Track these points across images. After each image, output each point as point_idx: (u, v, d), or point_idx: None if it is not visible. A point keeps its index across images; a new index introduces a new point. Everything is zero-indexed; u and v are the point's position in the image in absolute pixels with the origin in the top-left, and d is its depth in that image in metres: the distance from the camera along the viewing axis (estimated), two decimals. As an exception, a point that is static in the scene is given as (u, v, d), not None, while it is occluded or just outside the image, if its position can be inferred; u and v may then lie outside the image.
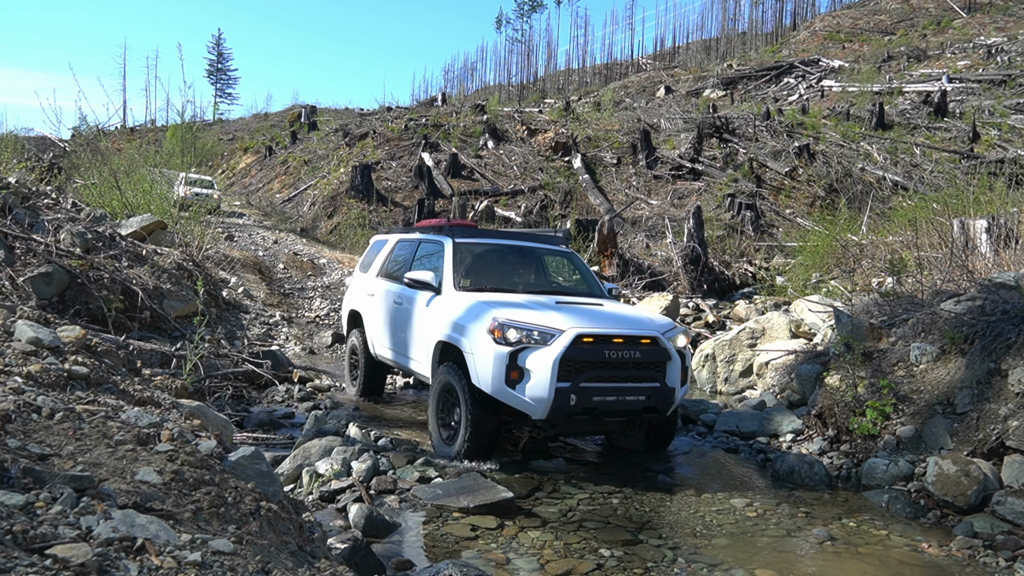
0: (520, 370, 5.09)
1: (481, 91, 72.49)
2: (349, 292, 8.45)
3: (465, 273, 6.28)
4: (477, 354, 5.23)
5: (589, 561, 3.84)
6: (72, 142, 19.67)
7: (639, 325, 5.57)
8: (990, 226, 8.85)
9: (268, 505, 2.57)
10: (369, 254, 8.29)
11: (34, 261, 6.82)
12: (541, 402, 5.03)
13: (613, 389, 5.24)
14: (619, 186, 23.78)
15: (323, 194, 25.25)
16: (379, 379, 7.83)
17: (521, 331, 5.14)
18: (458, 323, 5.55)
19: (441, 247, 6.56)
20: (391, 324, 6.93)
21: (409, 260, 7.07)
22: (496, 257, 6.87)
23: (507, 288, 6.33)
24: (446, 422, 5.66)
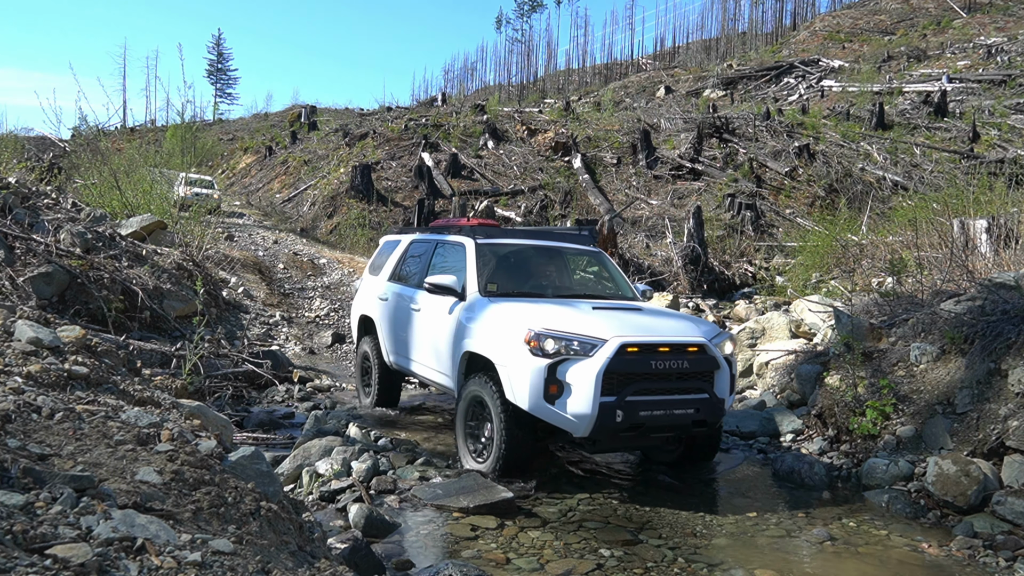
0: (560, 384, 4.66)
1: (481, 91, 72.51)
2: (359, 296, 7.94)
3: (490, 276, 5.83)
4: (511, 367, 4.82)
5: (589, 561, 3.84)
6: (72, 142, 19.68)
7: (685, 331, 5.17)
8: (990, 226, 8.85)
9: (268, 505, 2.57)
10: (380, 256, 7.85)
11: (34, 261, 6.83)
12: (584, 419, 4.62)
13: (660, 403, 4.83)
14: (619, 186, 23.78)
15: (323, 194, 25.26)
16: (394, 388, 7.37)
17: (560, 341, 4.71)
18: (487, 332, 5.17)
19: (462, 249, 6.10)
20: (408, 332, 6.49)
21: (426, 263, 6.64)
22: (522, 259, 6.43)
23: (536, 293, 5.92)
24: (475, 437, 5.30)
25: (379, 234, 21.66)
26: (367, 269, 8.10)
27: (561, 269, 6.63)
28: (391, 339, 6.90)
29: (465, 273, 5.80)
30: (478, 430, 5.28)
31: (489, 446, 5.11)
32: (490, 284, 5.75)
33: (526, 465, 5.11)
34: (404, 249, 7.27)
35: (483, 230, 6.37)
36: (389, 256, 7.51)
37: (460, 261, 6.04)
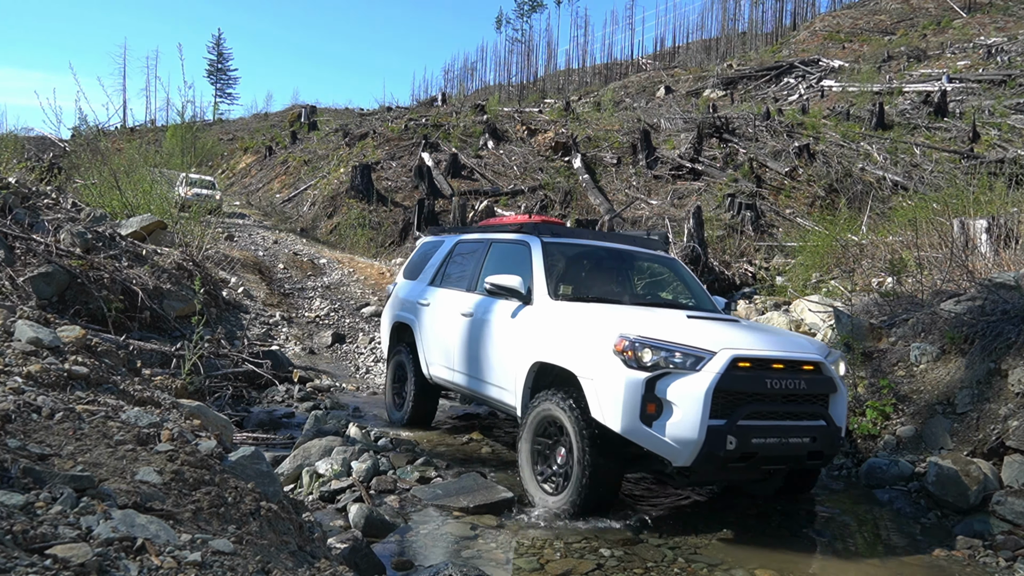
0: (659, 403, 4.02)
1: (481, 91, 72.51)
2: (392, 302, 7.29)
3: (559, 279, 5.26)
4: (600, 380, 4.15)
5: (589, 561, 3.84)
6: (72, 142, 19.68)
7: (797, 347, 4.52)
8: (990, 226, 8.85)
9: (268, 505, 2.57)
10: (417, 258, 7.27)
11: (34, 261, 6.83)
12: (688, 445, 3.96)
13: (774, 429, 4.16)
14: (619, 186, 23.78)
15: (323, 194, 25.27)
16: (431, 404, 6.71)
17: (659, 352, 4.07)
18: (566, 340, 4.53)
19: (526, 249, 5.49)
20: (455, 340, 5.84)
21: (477, 264, 6.01)
22: (593, 261, 5.84)
23: (611, 299, 5.29)
24: (546, 465, 4.61)
25: (379, 234, 21.69)
26: (400, 273, 7.50)
27: (634, 275, 6.07)
28: (433, 349, 6.23)
29: (531, 274, 5.17)
30: (550, 456, 4.57)
31: (565, 476, 4.39)
32: (563, 287, 5.16)
33: (613, 498, 4.44)
34: (449, 250, 6.67)
35: (547, 227, 5.73)
36: (430, 258, 6.91)
37: (523, 262, 5.41)
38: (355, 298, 14.34)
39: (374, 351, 11.00)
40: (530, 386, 4.82)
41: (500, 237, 6.00)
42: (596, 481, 4.20)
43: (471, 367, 5.60)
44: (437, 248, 6.91)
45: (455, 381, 5.94)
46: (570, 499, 4.28)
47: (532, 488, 4.60)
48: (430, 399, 6.65)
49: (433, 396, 6.67)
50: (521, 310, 5.05)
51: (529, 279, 5.14)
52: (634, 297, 5.62)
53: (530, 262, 5.30)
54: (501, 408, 5.39)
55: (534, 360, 4.75)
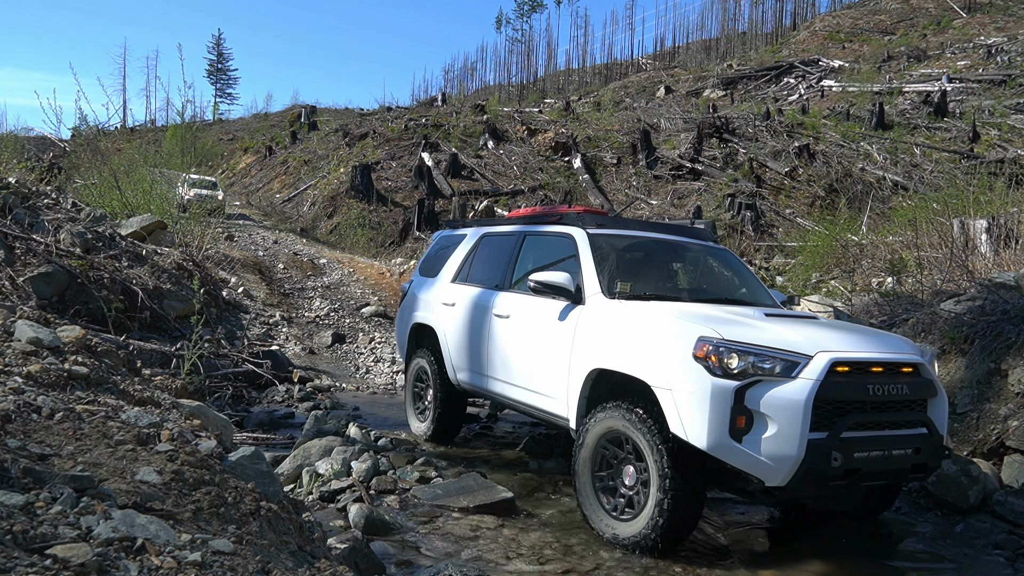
0: (749, 415, 3.56)
1: (481, 91, 72.52)
2: (409, 302, 6.73)
3: (612, 275, 4.69)
4: (680, 390, 3.67)
5: (589, 561, 3.84)
6: (72, 142, 19.69)
7: (894, 346, 4.09)
8: (990, 226, 8.85)
9: (268, 505, 2.57)
10: (435, 253, 6.77)
11: (34, 261, 6.82)
12: (785, 462, 3.50)
13: (877, 440, 3.72)
14: (619, 186, 23.79)
15: (323, 194, 25.27)
16: (458, 413, 6.21)
17: (747, 356, 3.61)
18: (633, 344, 4.03)
19: (569, 242, 4.96)
20: (488, 344, 5.34)
21: (510, 260, 5.50)
22: (644, 254, 5.31)
23: (670, 296, 4.82)
24: (610, 487, 4.09)
25: (379, 234, 21.70)
26: (416, 270, 6.98)
27: (688, 268, 5.61)
28: (461, 353, 5.73)
29: (580, 270, 4.66)
30: (615, 476, 4.09)
31: (636, 501, 3.92)
32: (621, 283, 4.60)
33: (695, 525, 3.97)
34: (473, 245, 6.14)
35: (592, 218, 5.18)
36: (450, 253, 6.40)
37: (565, 257, 4.93)
38: (355, 298, 14.34)
39: (374, 351, 11.00)
40: (586, 395, 4.30)
41: (535, 230, 5.46)
42: (678, 506, 3.69)
43: (509, 373, 5.10)
44: (458, 242, 6.40)
45: (489, 388, 5.40)
46: (647, 527, 3.75)
47: (594, 514, 4.07)
48: (457, 407, 6.12)
49: (461, 405, 6.17)
50: (571, 311, 4.52)
51: (578, 276, 4.61)
52: (693, 293, 5.11)
53: (576, 257, 4.77)
54: (546, 419, 4.82)
55: (592, 367, 4.22)
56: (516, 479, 5.20)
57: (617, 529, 3.94)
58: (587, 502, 4.13)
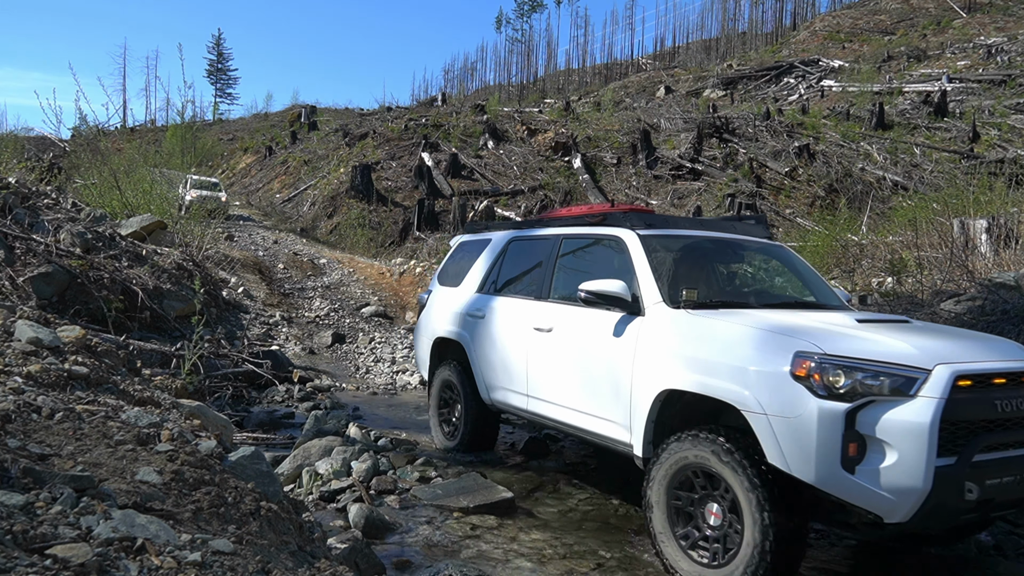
0: (862, 441, 3.07)
1: (481, 91, 72.57)
2: (430, 313, 6.28)
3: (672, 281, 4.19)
4: (778, 415, 3.18)
5: (589, 561, 3.84)
6: (72, 142, 19.70)
7: (1009, 353, 3.56)
8: (990, 226, 8.86)
9: (268, 505, 2.57)
10: (456, 261, 6.31)
11: (34, 261, 6.83)
12: (909, 496, 3.00)
13: (1009, 463, 3.20)
14: (619, 186, 23.79)
15: (323, 194, 25.28)
16: (490, 431, 5.80)
17: (855, 372, 3.11)
18: (712, 361, 3.51)
19: (617, 245, 4.49)
20: (528, 361, 4.88)
21: (547, 267, 5.01)
22: (702, 256, 4.83)
23: (739, 302, 4.35)
24: (690, 525, 3.57)
25: (379, 234, 21.70)
26: (435, 279, 6.54)
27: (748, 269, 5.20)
28: (494, 370, 5.28)
29: (635, 278, 4.18)
30: (697, 516, 3.55)
31: (724, 541, 3.40)
32: (687, 290, 4.05)
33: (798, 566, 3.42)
34: (500, 251, 5.69)
35: (639, 217, 4.64)
36: (474, 260, 5.95)
37: (616, 261, 4.47)
38: (355, 298, 14.35)
39: (374, 351, 11.00)
40: (653, 419, 3.82)
41: (574, 232, 4.96)
42: (781, 548, 3.19)
43: (554, 394, 4.64)
44: (481, 249, 5.93)
45: (529, 409, 4.92)
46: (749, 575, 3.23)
47: (676, 558, 3.55)
48: (489, 426, 5.74)
49: (492, 423, 5.77)
50: (629, 323, 4.06)
51: (633, 284, 4.14)
52: (761, 298, 4.63)
53: (628, 262, 4.30)
54: (602, 444, 4.30)
55: (661, 387, 3.73)
56: (516, 479, 5.20)
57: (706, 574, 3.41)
58: (666, 548, 3.60)
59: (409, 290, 15.14)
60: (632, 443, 3.97)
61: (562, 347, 4.57)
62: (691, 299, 4.02)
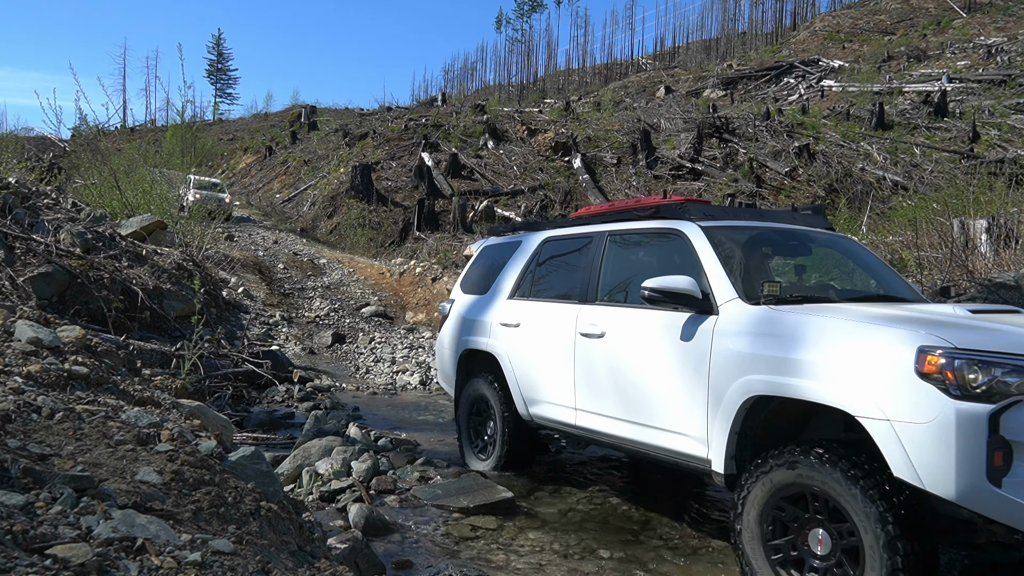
0: (1008, 448, 2.68)
1: (481, 91, 72.58)
2: (455, 324, 5.82)
3: (745, 275, 3.84)
4: (904, 420, 2.77)
5: (589, 561, 3.84)
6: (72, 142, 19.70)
7: None
8: (990, 226, 8.86)
9: (268, 505, 2.57)
10: (482, 267, 5.90)
11: (34, 261, 6.82)
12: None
13: None
14: (619, 186, 23.79)
15: (323, 194, 25.28)
16: (528, 449, 5.36)
17: (993, 368, 2.72)
18: (812, 361, 3.05)
19: (676, 239, 4.11)
20: (576, 369, 4.45)
21: (591, 268, 4.61)
22: (771, 248, 4.54)
23: (820, 296, 3.89)
24: (791, 552, 3.13)
25: (379, 234, 21.71)
26: (457, 287, 6.16)
27: (817, 262, 4.81)
28: (534, 383, 4.86)
29: (703, 273, 3.79)
30: (799, 544, 3.11)
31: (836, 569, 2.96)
32: (768, 284, 3.71)
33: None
34: (533, 253, 5.27)
35: (697, 208, 4.27)
36: (503, 265, 5.55)
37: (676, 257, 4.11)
38: (355, 298, 14.35)
39: (374, 351, 11.00)
40: (737, 430, 3.38)
41: (621, 228, 4.56)
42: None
43: (608, 406, 4.20)
44: (510, 252, 5.54)
45: (579, 424, 4.48)
46: None
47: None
48: (527, 443, 5.29)
49: (530, 440, 5.32)
50: (700, 323, 3.64)
51: (702, 280, 3.75)
52: (842, 292, 4.23)
53: (693, 257, 3.92)
54: (672, 461, 3.85)
55: (748, 394, 3.29)
56: (516, 479, 5.20)
57: None
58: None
59: (409, 290, 15.14)
60: (710, 458, 3.51)
61: (617, 353, 4.13)
62: (773, 294, 3.63)
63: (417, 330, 12.87)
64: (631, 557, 3.93)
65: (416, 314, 13.96)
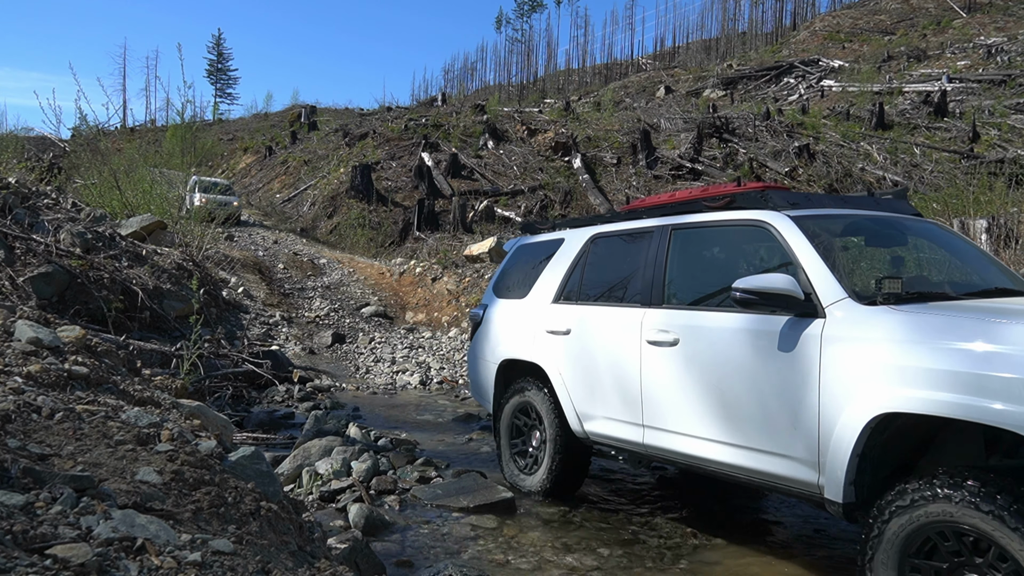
0: None
1: (481, 91, 72.57)
2: (490, 331, 5.36)
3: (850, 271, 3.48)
4: None
5: (589, 561, 3.84)
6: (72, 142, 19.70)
7: None
8: (990, 226, 8.86)
9: (268, 505, 2.57)
10: (518, 268, 5.43)
11: (34, 261, 6.82)
12: None
13: None
14: (619, 186, 23.78)
15: (323, 194, 25.29)
16: (582, 465, 4.81)
17: None
18: (968, 372, 2.56)
19: (759, 231, 3.65)
20: (643, 382, 3.96)
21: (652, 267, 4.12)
22: (868, 239, 4.16)
23: (936, 292, 3.46)
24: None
25: (379, 234, 21.71)
26: (490, 291, 5.67)
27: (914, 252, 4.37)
28: (590, 394, 4.39)
29: (798, 270, 3.32)
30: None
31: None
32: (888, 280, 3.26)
33: None
34: (580, 251, 4.80)
35: (780, 197, 3.79)
36: (543, 266, 5.06)
37: (761, 252, 3.76)
38: (355, 298, 14.35)
39: (374, 351, 11.01)
40: (859, 452, 2.91)
41: (689, 222, 4.07)
42: None
43: (687, 422, 3.72)
44: (550, 251, 5.07)
45: (647, 443, 4.00)
46: None
47: None
48: (580, 462, 4.77)
49: (584, 457, 4.78)
50: (804, 328, 3.16)
51: (799, 278, 3.27)
52: (956, 286, 3.81)
53: (784, 252, 3.44)
54: (769, 485, 3.40)
55: (876, 411, 2.82)
56: (516, 479, 5.20)
57: None
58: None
59: (409, 290, 15.14)
60: (822, 484, 3.03)
61: (695, 363, 3.65)
62: (894, 291, 3.14)
63: (417, 330, 12.88)
64: (631, 556, 3.93)
65: (416, 314, 13.96)
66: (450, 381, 9.53)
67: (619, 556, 3.92)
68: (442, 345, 11.58)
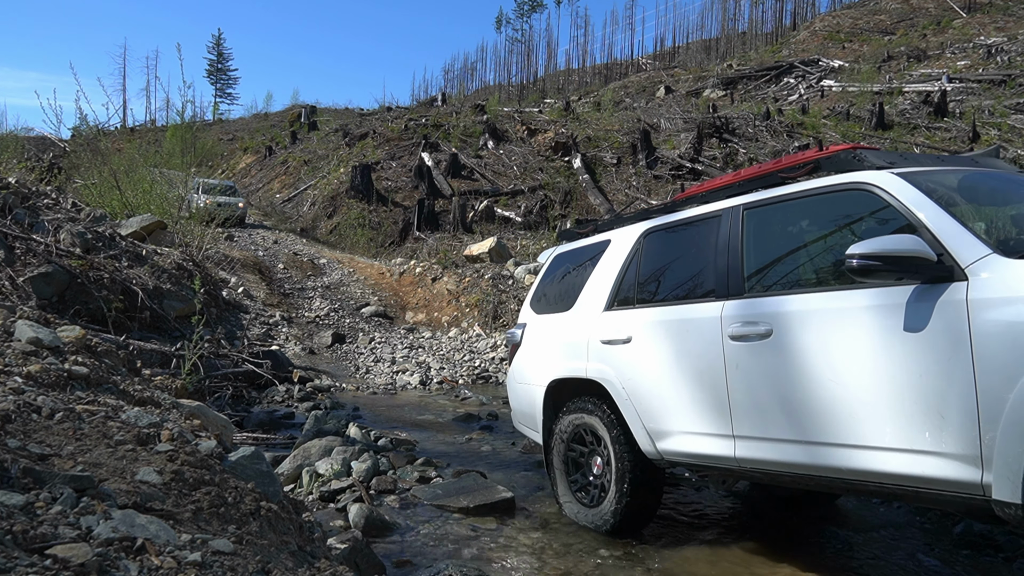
0: None
1: (481, 91, 72.58)
2: (536, 352, 4.87)
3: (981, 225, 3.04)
4: None
5: (589, 561, 3.84)
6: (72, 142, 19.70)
7: None
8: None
9: (268, 505, 2.57)
10: (558, 279, 5.00)
11: (34, 261, 6.82)
12: None
13: None
14: (619, 186, 23.79)
15: (323, 194, 25.29)
16: (655, 492, 4.19)
17: None
18: None
19: (863, 196, 3.11)
20: (730, 385, 3.39)
21: (727, 252, 3.63)
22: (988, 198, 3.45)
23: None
24: None
25: (379, 234, 21.70)
26: (527, 307, 5.24)
27: None
28: (662, 407, 3.82)
29: (924, 229, 2.80)
30: None
31: None
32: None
33: None
34: (631, 250, 4.34)
35: (877, 156, 3.33)
36: (587, 273, 4.63)
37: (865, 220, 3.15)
38: (355, 298, 14.35)
39: (374, 351, 11.01)
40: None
41: (763, 199, 3.59)
42: None
43: (794, 427, 3.13)
44: (594, 255, 4.65)
45: (740, 456, 3.39)
46: None
47: None
48: (654, 486, 4.14)
49: (658, 481, 4.17)
50: (941, 295, 2.64)
51: (925, 237, 2.76)
52: None
53: (900, 213, 2.93)
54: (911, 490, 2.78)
55: None
56: (516, 479, 5.20)
57: None
58: None
59: (409, 290, 15.14)
60: (987, 483, 2.49)
61: (797, 356, 3.12)
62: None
63: (417, 330, 12.88)
64: (631, 556, 3.93)
65: (416, 314, 13.96)
66: (450, 381, 9.53)
67: (619, 556, 3.92)
68: (442, 345, 11.58)
